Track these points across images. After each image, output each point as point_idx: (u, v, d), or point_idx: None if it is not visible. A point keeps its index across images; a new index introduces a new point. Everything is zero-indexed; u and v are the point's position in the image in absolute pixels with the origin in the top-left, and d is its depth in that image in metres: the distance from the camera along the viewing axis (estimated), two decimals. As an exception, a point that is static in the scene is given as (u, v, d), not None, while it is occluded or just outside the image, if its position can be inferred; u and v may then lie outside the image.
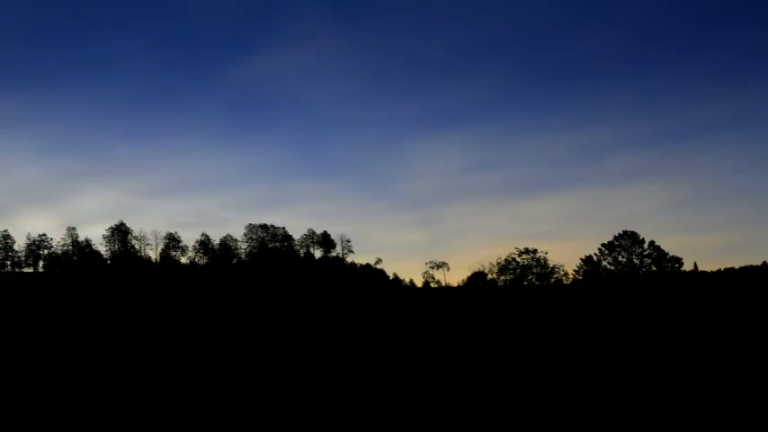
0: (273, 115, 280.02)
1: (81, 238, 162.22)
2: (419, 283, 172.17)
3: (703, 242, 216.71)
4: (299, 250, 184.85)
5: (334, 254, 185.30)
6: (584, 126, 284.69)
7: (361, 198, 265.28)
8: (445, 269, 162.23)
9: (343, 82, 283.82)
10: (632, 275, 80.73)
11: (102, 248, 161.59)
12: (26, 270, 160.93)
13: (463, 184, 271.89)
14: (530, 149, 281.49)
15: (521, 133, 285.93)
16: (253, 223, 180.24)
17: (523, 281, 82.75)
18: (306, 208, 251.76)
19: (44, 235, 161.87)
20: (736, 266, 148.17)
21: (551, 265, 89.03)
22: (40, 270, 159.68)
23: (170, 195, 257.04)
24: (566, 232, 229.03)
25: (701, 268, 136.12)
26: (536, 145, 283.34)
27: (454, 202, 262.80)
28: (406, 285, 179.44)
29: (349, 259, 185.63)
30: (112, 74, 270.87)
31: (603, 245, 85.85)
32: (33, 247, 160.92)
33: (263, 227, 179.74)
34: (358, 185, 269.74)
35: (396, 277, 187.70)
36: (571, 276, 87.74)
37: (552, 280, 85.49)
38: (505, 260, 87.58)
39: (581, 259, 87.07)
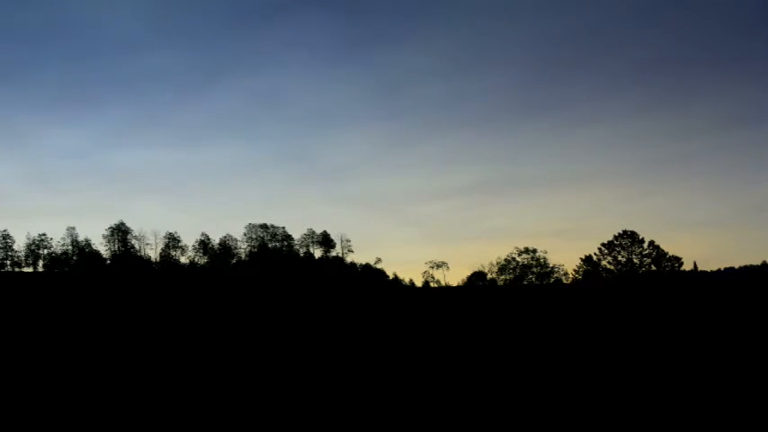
0: (271, 120, 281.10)
1: (81, 238, 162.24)
2: (419, 282, 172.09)
3: (703, 241, 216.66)
4: (298, 250, 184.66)
5: (333, 253, 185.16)
6: (585, 124, 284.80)
7: (361, 197, 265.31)
8: (445, 268, 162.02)
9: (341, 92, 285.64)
10: (632, 275, 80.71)
11: (101, 248, 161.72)
12: (26, 270, 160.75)
13: (463, 183, 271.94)
14: (530, 147, 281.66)
15: (520, 130, 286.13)
16: (253, 223, 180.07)
17: (523, 280, 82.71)
18: (306, 208, 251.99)
19: (44, 235, 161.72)
20: (736, 266, 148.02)
21: (551, 265, 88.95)
22: (40, 270, 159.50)
23: (170, 194, 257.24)
24: (565, 232, 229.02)
25: (700, 268, 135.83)
26: (536, 143, 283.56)
27: (454, 201, 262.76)
28: (405, 285, 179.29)
29: (349, 259, 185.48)
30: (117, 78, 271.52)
31: (603, 244, 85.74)
32: (33, 247, 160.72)
33: (263, 226, 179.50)
34: (357, 186, 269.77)
35: (396, 277, 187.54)
36: (571, 276, 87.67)
37: (552, 280, 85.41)
38: (505, 260, 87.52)
39: (581, 259, 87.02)
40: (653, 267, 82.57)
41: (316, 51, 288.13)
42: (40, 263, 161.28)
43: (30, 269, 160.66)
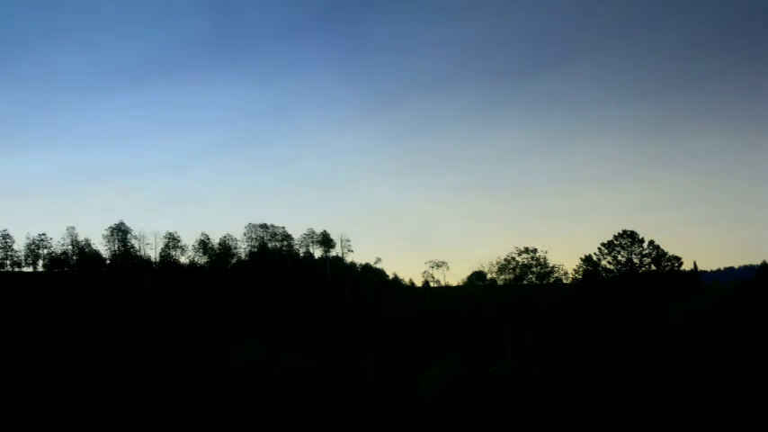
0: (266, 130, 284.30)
1: (80, 238, 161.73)
2: (419, 282, 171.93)
3: (703, 241, 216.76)
4: (298, 250, 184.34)
5: (333, 253, 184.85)
6: (587, 122, 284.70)
7: (362, 197, 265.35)
8: (445, 268, 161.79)
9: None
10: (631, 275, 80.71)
11: (101, 248, 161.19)
12: (25, 270, 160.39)
13: (462, 183, 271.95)
14: (529, 145, 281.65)
15: (518, 128, 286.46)
16: (253, 223, 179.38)
17: (523, 280, 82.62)
18: (305, 208, 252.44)
19: (43, 234, 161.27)
20: (736, 266, 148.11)
21: (551, 265, 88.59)
22: (40, 270, 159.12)
23: (170, 194, 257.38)
24: (565, 231, 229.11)
25: (700, 267, 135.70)
26: (535, 141, 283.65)
27: (453, 200, 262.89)
28: (405, 285, 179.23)
29: (348, 259, 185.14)
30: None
31: (603, 244, 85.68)
32: (33, 247, 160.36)
33: (263, 226, 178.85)
34: (356, 186, 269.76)
35: (396, 277, 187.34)
36: (571, 276, 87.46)
37: (552, 279, 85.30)
38: (505, 259, 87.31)
39: (581, 259, 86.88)
40: (653, 267, 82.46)
41: (316, 64, 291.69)
42: (40, 263, 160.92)
43: (29, 269, 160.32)
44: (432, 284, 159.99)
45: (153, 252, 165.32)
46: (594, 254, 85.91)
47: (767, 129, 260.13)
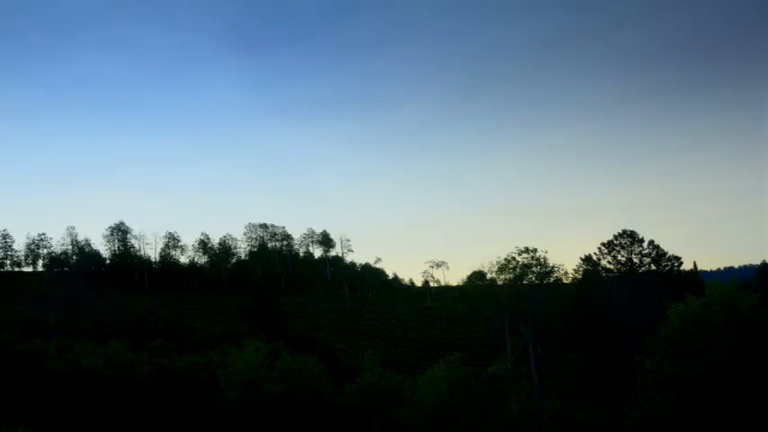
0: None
1: (80, 238, 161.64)
2: (419, 282, 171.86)
3: (703, 241, 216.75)
4: (298, 249, 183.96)
5: (333, 253, 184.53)
6: (586, 121, 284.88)
7: (362, 197, 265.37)
8: (445, 268, 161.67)
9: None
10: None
11: (101, 248, 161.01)
12: (25, 269, 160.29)
13: (461, 183, 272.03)
14: (528, 146, 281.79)
15: (518, 127, 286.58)
16: (252, 222, 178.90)
17: (523, 280, 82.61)
18: (305, 208, 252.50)
19: (43, 234, 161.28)
20: (736, 266, 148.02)
21: (551, 265, 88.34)
22: (40, 269, 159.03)
23: (169, 194, 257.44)
24: (565, 231, 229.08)
25: (700, 267, 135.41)
26: (535, 140, 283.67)
27: (453, 200, 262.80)
28: (405, 285, 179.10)
29: (348, 258, 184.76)
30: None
31: (603, 244, 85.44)
32: (33, 247, 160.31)
33: (263, 226, 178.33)
34: (359, 186, 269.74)
35: (395, 276, 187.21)
36: (571, 276, 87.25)
37: (552, 279, 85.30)
38: (505, 259, 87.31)
39: (581, 258, 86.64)
40: (653, 267, 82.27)
41: (311, 67, 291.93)
42: (40, 262, 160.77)
43: (29, 268, 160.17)
44: (432, 284, 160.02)
45: (153, 252, 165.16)
46: (594, 254, 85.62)
47: (767, 129, 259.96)
